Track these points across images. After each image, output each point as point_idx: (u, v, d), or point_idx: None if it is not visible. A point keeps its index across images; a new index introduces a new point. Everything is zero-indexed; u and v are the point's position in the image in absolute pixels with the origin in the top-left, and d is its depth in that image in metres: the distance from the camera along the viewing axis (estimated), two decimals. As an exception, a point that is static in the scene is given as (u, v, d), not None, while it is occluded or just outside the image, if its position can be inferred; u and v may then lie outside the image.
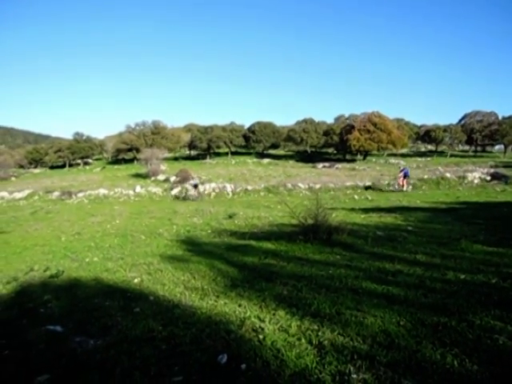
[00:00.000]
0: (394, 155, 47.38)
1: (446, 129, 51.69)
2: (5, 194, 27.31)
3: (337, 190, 21.71)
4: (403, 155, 47.44)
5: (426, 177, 22.65)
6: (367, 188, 21.75)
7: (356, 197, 18.59)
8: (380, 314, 3.31)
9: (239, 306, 3.81)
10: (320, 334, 3.00)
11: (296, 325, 3.21)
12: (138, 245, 8.31)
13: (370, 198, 17.93)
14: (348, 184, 22.88)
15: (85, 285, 5.34)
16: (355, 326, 3.10)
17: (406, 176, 20.40)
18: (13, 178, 45.52)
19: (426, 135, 54.57)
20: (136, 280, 5.25)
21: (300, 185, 23.34)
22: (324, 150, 54.63)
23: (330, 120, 65.87)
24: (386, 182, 22.27)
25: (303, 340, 2.91)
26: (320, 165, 39.77)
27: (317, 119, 57.33)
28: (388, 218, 9.71)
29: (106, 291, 4.83)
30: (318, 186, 22.64)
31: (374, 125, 42.50)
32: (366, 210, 12.00)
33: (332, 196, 18.70)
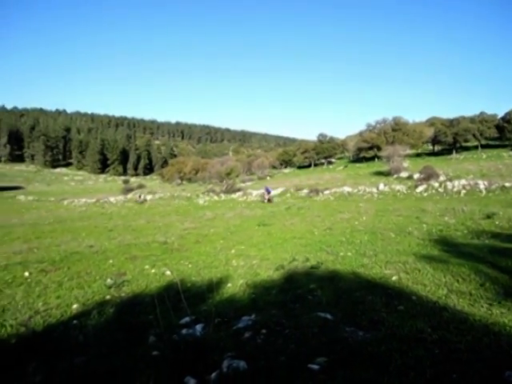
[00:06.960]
0: None
1: None
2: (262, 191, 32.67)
3: None
4: None
5: None
6: None
7: None
8: None
9: (520, 318, 3.28)
10: None
11: None
12: (389, 242, 8.27)
13: None
14: None
15: (344, 278, 5.70)
16: None
17: (268, 192, 25.87)
18: (268, 178, 53.68)
19: None
20: (394, 278, 5.26)
21: None
22: None
23: None
24: None
25: None
26: None
27: None
28: None
29: (365, 286, 5.02)
30: None
31: None
32: None
33: None
